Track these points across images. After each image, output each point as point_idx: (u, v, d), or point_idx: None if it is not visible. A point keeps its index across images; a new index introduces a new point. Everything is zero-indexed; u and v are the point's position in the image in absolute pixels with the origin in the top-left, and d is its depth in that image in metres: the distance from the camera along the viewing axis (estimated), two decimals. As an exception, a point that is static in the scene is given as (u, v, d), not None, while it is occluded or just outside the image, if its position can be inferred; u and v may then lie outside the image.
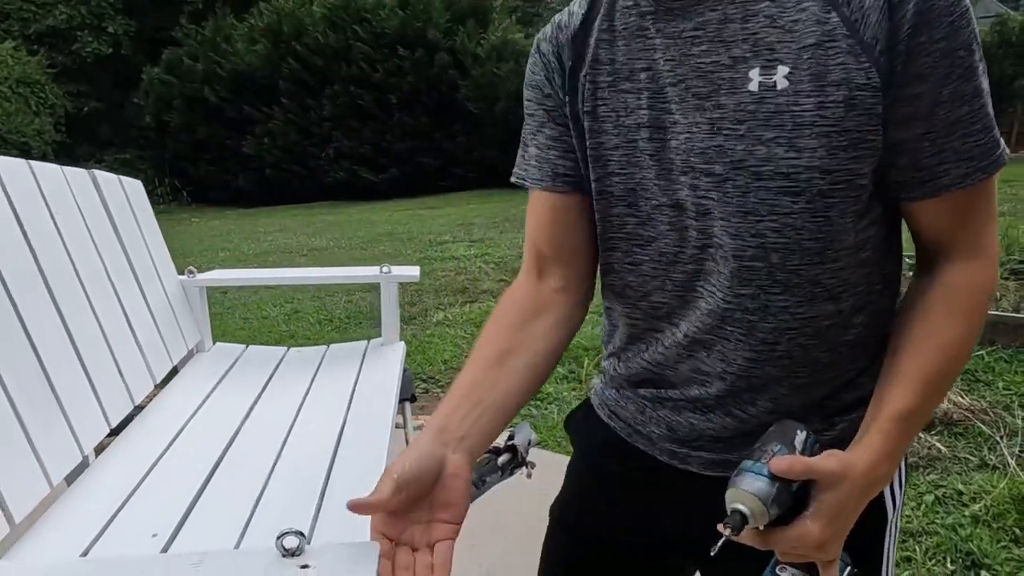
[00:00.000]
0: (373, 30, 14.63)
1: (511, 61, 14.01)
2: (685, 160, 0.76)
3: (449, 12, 14.52)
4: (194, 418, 1.44)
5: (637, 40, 0.79)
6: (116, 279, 1.41)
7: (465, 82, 14.19)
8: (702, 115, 0.74)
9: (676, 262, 0.81)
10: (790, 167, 0.71)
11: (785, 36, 0.71)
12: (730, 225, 0.75)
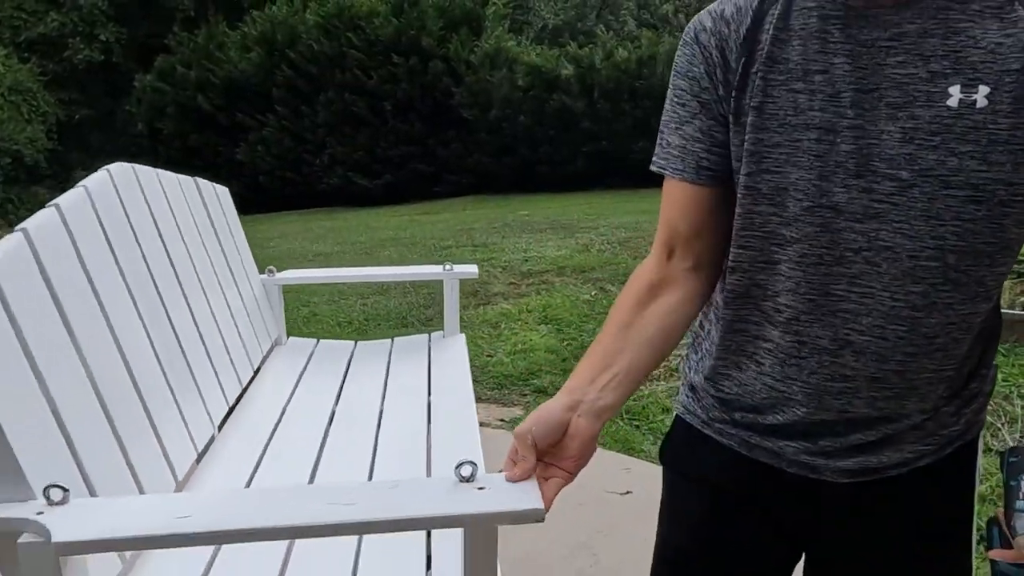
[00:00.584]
0: (367, 38, 14.74)
1: (504, 68, 14.17)
2: (863, 164, 0.81)
3: (443, 20, 14.67)
4: (293, 399, 1.58)
5: (815, 42, 0.82)
6: (221, 276, 1.55)
7: (459, 89, 14.33)
8: (894, 124, 0.79)
9: (820, 264, 0.85)
10: (980, 179, 0.78)
11: (988, 57, 0.76)
12: (910, 228, 0.81)
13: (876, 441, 0.91)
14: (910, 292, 0.83)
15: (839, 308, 0.85)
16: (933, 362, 0.87)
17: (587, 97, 13.47)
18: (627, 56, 13.58)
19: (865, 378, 0.87)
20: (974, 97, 0.76)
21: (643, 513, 2.50)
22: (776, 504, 0.99)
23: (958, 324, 0.85)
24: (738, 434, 0.98)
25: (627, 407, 3.29)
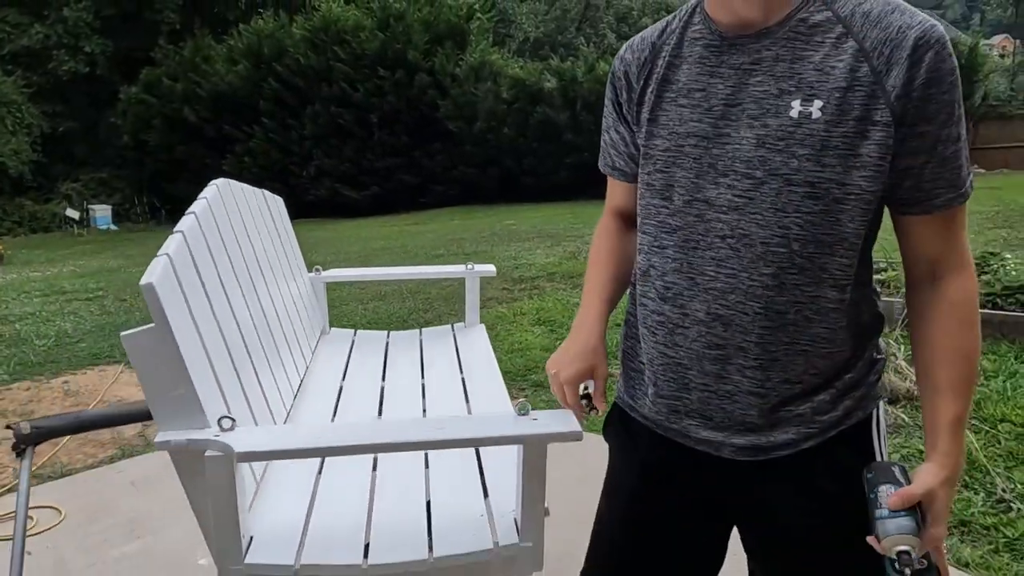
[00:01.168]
0: (353, 51, 14.98)
1: (488, 81, 14.48)
2: (728, 165, 0.97)
3: (428, 34, 14.94)
4: (347, 376, 1.86)
5: (697, 66, 1.00)
6: (284, 271, 1.83)
7: (444, 102, 14.61)
8: (751, 131, 0.95)
9: (696, 248, 1.00)
10: (815, 177, 0.93)
11: (822, 77, 0.92)
12: (763, 219, 0.95)
13: (762, 424, 1.02)
14: (763, 273, 0.97)
15: (711, 286, 1.00)
16: (787, 335, 0.98)
17: (570, 109, 13.83)
18: (608, 69, 13.95)
19: (733, 347, 1.00)
20: (810, 110, 0.92)
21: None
22: (693, 481, 1.09)
23: (806, 304, 0.97)
24: (653, 417, 1.11)
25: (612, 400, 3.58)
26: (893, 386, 3.30)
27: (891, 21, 0.91)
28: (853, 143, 0.92)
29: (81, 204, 17.56)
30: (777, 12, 0.95)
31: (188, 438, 1.04)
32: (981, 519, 2.39)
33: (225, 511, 1.02)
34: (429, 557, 1.10)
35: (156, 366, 1.03)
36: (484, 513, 1.22)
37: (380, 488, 1.29)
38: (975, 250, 4.89)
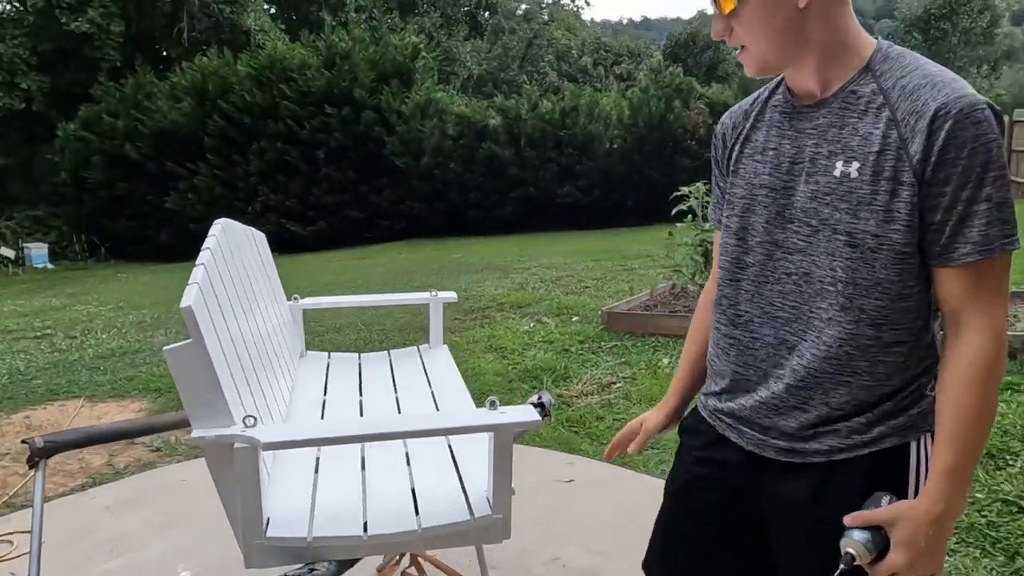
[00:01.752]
0: (300, 89, 15.16)
1: (435, 118, 14.83)
2: (793, 214, 1.14)
3: (374, 73, 15.24)
4: (328, 391, 2.08)
5: (773, 129, 1.18)
6: (270, 298, 2.05)
7: (391, 138, 14.87)
8: (807, 186, 1.12)
9: (766, 283, 1.17)
10: (853, 229, 1.07)
11: (861, 142, 1.07)
12: (819, 261, 1.10)
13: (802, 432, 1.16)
14: (818, 308, 1.12)
15: (778, 316, 1.16)
16: (830, 366, 1.12)
17: (514, 145, 14.26)
18: (551, 107, 14.49)
19: (790, 369, 1.14)
20: (850, 170, 1.07)
21: (584, 495, 3.05)
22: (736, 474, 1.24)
23: (847, 340, 1.10)
24: (720, 420, 1.27)
25: (567, 416, 3.85)
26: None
27: (921, 94, 1.04)
28: (885, 200, 1.05)
29: (16, 242, 17.12)
30: (833, 85, 1.11)
31: (218, 434, 1.26)
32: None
33: (251, 494, 1.24)
34: (418, 528, 1.34)
35: (192, 375, 1.25)
36: (461, 493, 1.46)
37: (370, 479, 1.52)
38: None
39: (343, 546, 1.31)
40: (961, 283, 1.06)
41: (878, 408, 1.13)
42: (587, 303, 6.20)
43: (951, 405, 1.06)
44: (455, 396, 2.03)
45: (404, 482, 1.51)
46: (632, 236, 11.27)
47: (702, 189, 5.18)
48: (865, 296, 1.09)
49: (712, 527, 1.29)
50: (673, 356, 4.52)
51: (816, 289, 1.12)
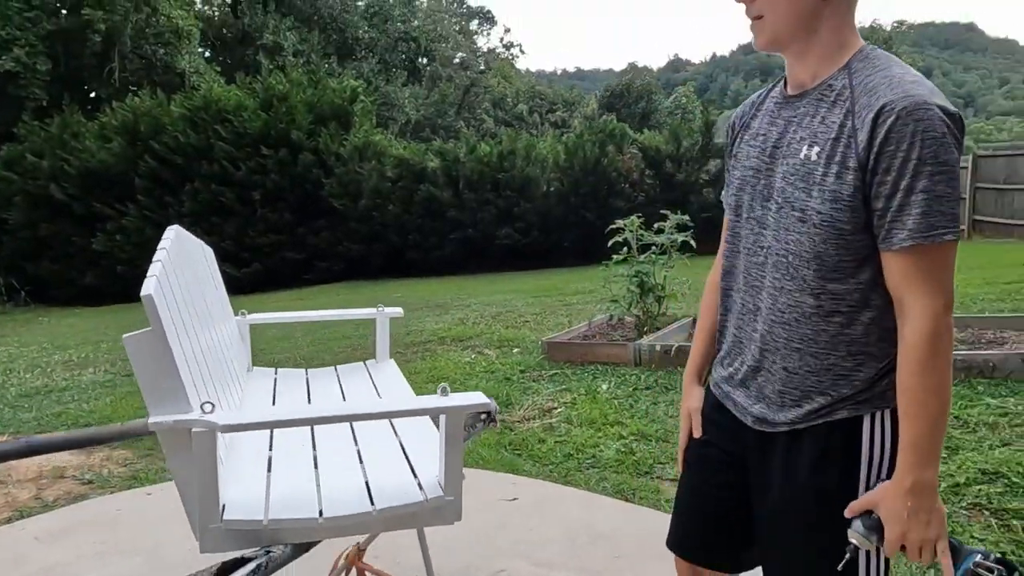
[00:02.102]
0: (235, 130, 15.05)
1: (373, 160, 14.91)
2: (768, 193, 1.28)
3: (312, 115, 15.27)
4: (277, 398, 2.09)
5: (766, 117, 1.32)
6: (221, 311, 2.06)
7: (329, 180, 14.86)
8: (782, 168, 1.25)
9: (752, 254, 1.31)
10: (805, 206, 1.20)
11: (825, 130, 1.19)
12: (778, 235, 1.24)
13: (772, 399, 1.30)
14: (774, 277, 1.26)
15: (753, 284, 1.31)
16: (784, 331, 1.26)
17: (453, 188, 14.44)
18: (489, 151, 14.77)
19: (759, 334, 1.30)
20: (811, 153, 1.19)
21: (527, 512, 3.09)
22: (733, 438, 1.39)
23: (793, 307, 1.24)
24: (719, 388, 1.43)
25: (510, 440, 3.91)
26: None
27: (877, 90, 1.15)
28: (832, 182, 1.17)
29: (-72, 286, 16.26)
30: (818, 79, 1.23)
31: (176, 419, 1.29)
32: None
33: (208, 477, 1.27)
34: (373, 510, 1.38)
35: (151, 363, 1.28)
36: (413, 478, 1.51)
37: (323, 469, 1.55)
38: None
39: (299, 528, 1.34)
40: (901, 268, 1.15)
41: (832, 380, 1.23)
42: (527, 335, 6.30)
43: (902, 385, 1.16)
44: (406, 399, 2.08)
45: (356, 471, 1.55)
46: (570, 275, 11.50)
47: (636, 222, 5.39)
48: (807, 268, 1.21)
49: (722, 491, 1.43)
50: (612, 383, 4.65)
51: (774, 261, 1.26)
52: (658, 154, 14.75)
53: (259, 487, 1.45)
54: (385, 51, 29.31)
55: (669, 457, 3.52)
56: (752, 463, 1.35)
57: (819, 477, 1.24)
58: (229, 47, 25.49)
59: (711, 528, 1.47)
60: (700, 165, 14.99)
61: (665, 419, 3.97)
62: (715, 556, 1.50)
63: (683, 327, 5.51)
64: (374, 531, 1.34)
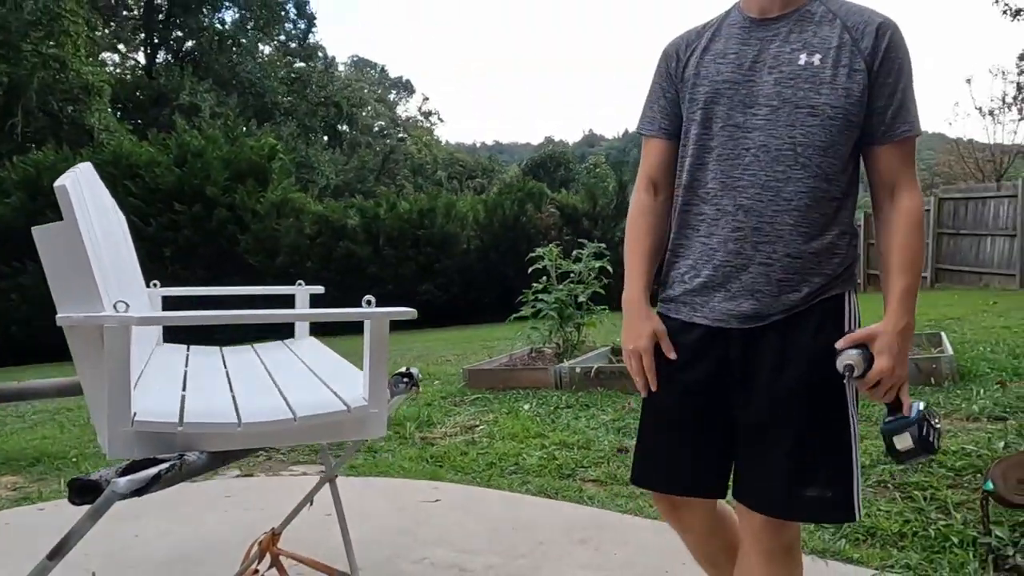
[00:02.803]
0: (147, 185, 14.68)
1: (291, 217, 14.76)
2: (754, 100, 1.42)
3: (228, 171, 15.06)
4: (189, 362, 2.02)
5: (733, 39, 1.48)
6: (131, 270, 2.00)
7: (244, 236, 14.59)
8: (770, 76, 1.42)
9: (727, 160, 1.43)
10: (815, 102, 1.38)
11: (821, 41, 1.40)
12: (777, 133, 1.39)
13: (767, 291, 1.41)
14: (775, 170, 1.40)
15: (737, 185, 1.42)
16: (791, 218, 1.40)
17: (373, 244, 14.40)
18: (409, 208, 14.87)
19: (750, 228, 1.41)
20: (813, 59, 1.40)
21: (449, 510, 3.03)
22: (707, 352, 1.46)
23: (805, 193, 1.40)
24: (686, 304, 1.50)
25: (432, 453, 3.84)
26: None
27: (864, 13, 1.42)
28: (843, 81, 1.39)
29: None
30: (791, 6, 1.45)
31: (87, 315, 1.24)
32: (733, 503, 2.92)
33: (119, 376, 1.22)
34: (294, 417, 1.34)
35: (63, 256, 1.24)
36: (334, 395, 1.48)
37: (240, 391, 1.50)
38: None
39: (216, 434, 1.29)
40: (899, 155, 1.41)
41: (828, 259, 1.42)
42: (448, 370, 6.27)
43: (900, 243, 1.39)
44: (328, 355, 2.05)
45: (275, 394, 1.51)
46: (491, 329, 11.54)
47: (555, 252, 5.52)
48: (822, 155, 1.39)
49: (704, 415, 1.50)
50: (534, 403, 4.66)
51: (772, 156, 1.41)
52: (575, 212, 15.20)
53: (173, 400, 1.39)
54: (305, 116, 29.40)
55: (592, 461, 3.54)
56: (735, 363, 1.45)
57: (819, 348, 1.40)
58: (143, 107, 25.04)
59: (700, 456, 1.51)
60: (616, 223, 15.53)
61: (587, 430, 4.00)
62: (704, 483, 1.53)
63: (602, 355, 5.60)
64: (295, 441, 1.31)
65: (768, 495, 1.43)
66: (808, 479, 1.40)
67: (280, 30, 31.15)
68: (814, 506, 1.41)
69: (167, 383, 1.53)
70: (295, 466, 3.85)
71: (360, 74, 41.30)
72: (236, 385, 1.61)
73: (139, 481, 1.16)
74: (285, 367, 1.95)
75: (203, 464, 1.29)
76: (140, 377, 1.52)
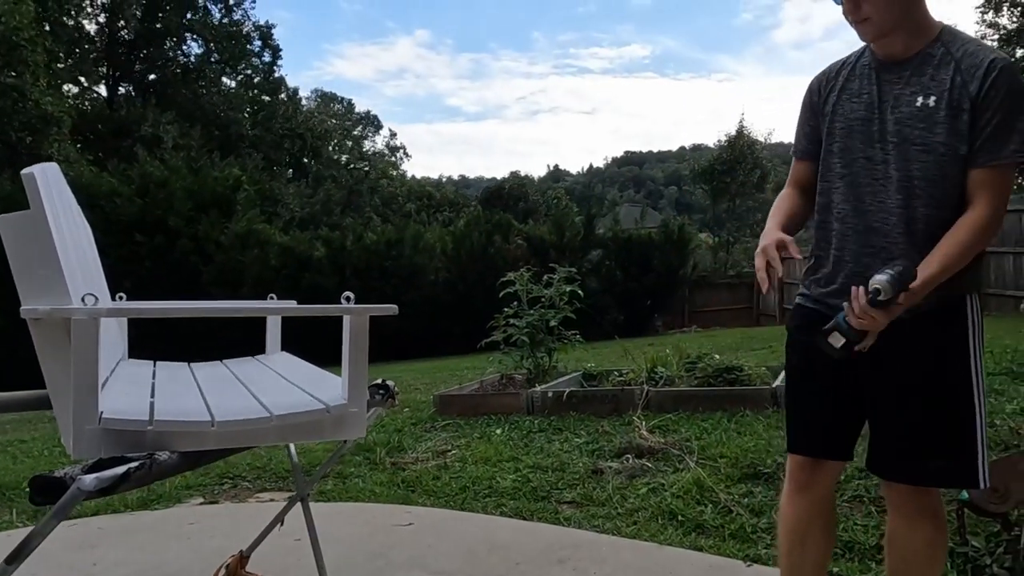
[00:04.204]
0: (107, 216, 14.39)
1: (256, 249, 14.57)
2: (880, 136, 1.66)
3: (192, 202, 14.84)
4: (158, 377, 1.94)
5: (864, 80, 1.70)
6: (100, 282, 1.93)
7: (208, 268, 14.35)
8: (893, 116, 1.64)
9: (858, 186, 1.68)
10: (930, 142, 1.59)
11: (937, 84, 1.60)
12: (899, 166, 1.62)
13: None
14: (897, 198, 1.63)
15: (866, 208, 1.67)
16: (909, 239, 1.62)
17: (339, 275, 14.26)
18: (376, 239, 14.80)
19: (879, 247, 1.65)
20: (928, 102, 1.60)
21: (423, 533, 2.95)
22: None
23: (922, 219, 1.62)
24: (819, 301, 1.76)
25: (403, 478, 3.76)
26: (637, 443, 3.87)
27: (978, 54, 1.58)
28: (951, 119, 1.57)
29: None
30: (913, 49, 1.64)
31: (53, 307, 1.18)
32: (711, 521, 2.90)
33: (87, 370, 1.16)
34: (271, 416, 1.29)
35: (29, 246, 1.18)
36: (310, 397, 1.43)
37: (211, 396, 1.44)
38: (706, 355, 5.88)
39: (189, 432, 1.22)
40: (992, 178, 1.57)
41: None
42: (418, 397, 6.18)
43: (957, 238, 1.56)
44: (305, 368, 1.99)
45: (248, 397, 1.45)
46: (460, 360, 11.45)
47: (526, 276, 5.52)
48: (935, 186, 1.60)
49: (836, 391, 1.76)
50: (506, 428, 4.60)
51: (896, 186, 1.63)
52: (543, 243, 15.28)
53: (142, 402, 1.33)
54: (270, 148, 29.24)
55: (567, 483, 3.49)
56: (876, 351, 1.61)
57: (947, 340, 1.65)
58: (103, 139, 24.69)
59: (828, 428, 1.78)
60: (583, 254, 15.65)
61: (560, 453, 3.96)
62: (832, 448, 1.79)
63: (574, 379, 5.58)
64: (272, 441, 1.25)
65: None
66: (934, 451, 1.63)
67: (246, 63, 31.10)
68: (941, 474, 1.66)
69: (135, 388, 1.46)
70: (262, 493, 3.73)
71: (326, 107, 41.35)
72: (208, 391, 1.54)
73: (107, 479, 1.10)
74: (259, 377, 1.89)
75: (174, 465, 1.23)
76: (105, 385, 1.45)
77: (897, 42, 1.65)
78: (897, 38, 1.64)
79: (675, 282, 17.19)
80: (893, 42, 1.65)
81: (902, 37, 1.63)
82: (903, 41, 1.64)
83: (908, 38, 1.64)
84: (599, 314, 14.01)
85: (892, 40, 1.65)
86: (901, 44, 1.64)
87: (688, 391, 4.77)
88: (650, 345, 7.44)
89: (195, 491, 3.77)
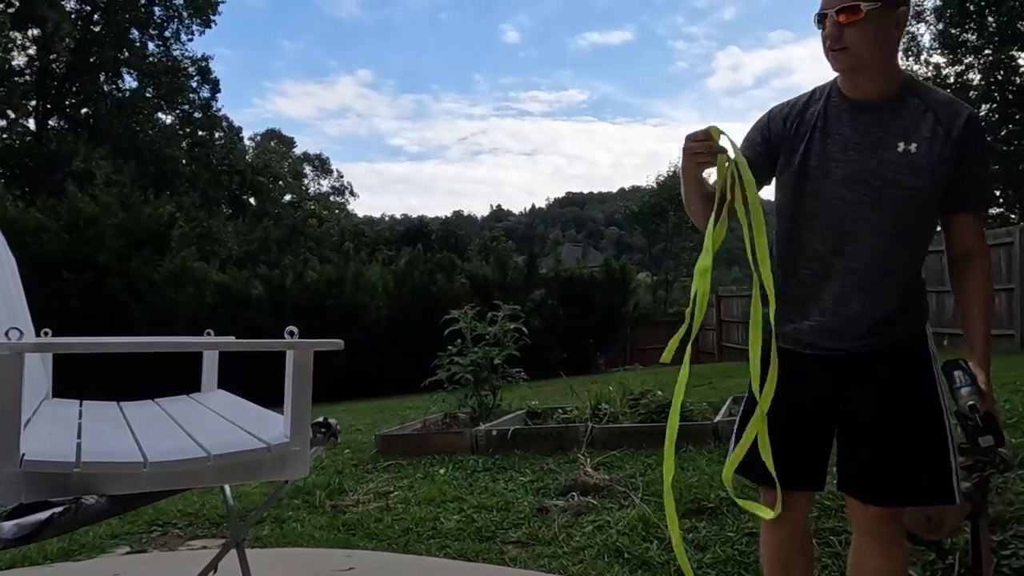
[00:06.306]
0: (33, 253, 13.81)
1: (190, 287, 14.17)
2: (857, 178, 1.67)
3: (124, 239, 14.38)
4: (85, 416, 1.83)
5: (836, 122, 1.70)
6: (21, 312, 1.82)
7: (139, 306, 13.87)
8: (872, 158, 1.66)
9: (834, 228, 1.69)
10: (910, 184, 1.63)
11: (915, 131, 1.64)
12: (879, 209, 1.64)
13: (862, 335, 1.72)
14: (876, 241, 1.66)
15: (844, 250, 1.68)
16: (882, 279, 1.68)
17: (278, 314, 13.93)
18: (317, 277, 14.57)
19: (854, 288, 1.69)
20: (910, 147, 1.64)
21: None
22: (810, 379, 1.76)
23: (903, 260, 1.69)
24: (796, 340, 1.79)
25: (344, 521, 3.64)
26: (583, 480, 3.85)
27: (952, 104, 1.67)
28: (933, 166, 1.63)
29: None
30: (889, 95, 1.68)
31: (-26, 342, 1.11)
32: (657, 557, 2.90)
33: (8, 411, 1.09)
34: (209, 455, 1.23)
35: (-53, 278, 1.12)
36: (250, 435, 1.37)
37: (143, 436, 1.37)
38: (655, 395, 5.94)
39: (119, 475, 1.15)
40: (974, 225, 1.73)
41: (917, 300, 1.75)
42: (359, 438, 6.04)
43: (979, 296, 1.72)
44: (244, 406, 1.92)
45: (183, 437, 1.39)
46: (402, 399, 11.27)
47: (470, 314, 5.50)
48: (916, 229, 1.69)
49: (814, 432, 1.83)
50: (450, 467, 4.53)
51: (875, 229, 1.66)
52: (485, 283, 15.29)
53: (68, 443, 1.25)
54: (208, 185, 28.67)
55: (512, 523, 3.45)
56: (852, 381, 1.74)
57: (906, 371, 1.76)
58: (31, 174, 23.82)
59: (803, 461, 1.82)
60: (526, 293, 15.71)
61: (505, 492, 3.91)
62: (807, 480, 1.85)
63: (518, 417, 5.55)
64: (209, 483, 1.19)
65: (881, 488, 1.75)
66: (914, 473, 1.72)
67: (183, 98, 30.55)
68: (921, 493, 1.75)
69: (60, 428, 1.38)
70: (193, 540, 3.56)
71: (268, 145, 40.91)
72: (140, 431, 1.47)
73: (27, 526, 1.03)
74: (195, 416, 1.82)
75: (102, 509, 1.15)
76: (28, 425, 1.37)
77: (870, 85, 1.68)
78: (870, 80, 1.67)
79: (617, 320, 17.41)
80: (866, 84, 1.68)
81: (877, 81, 1.67)
82: (877, 86, 1.68)
83: (884, 83, 1.68)
84: (543, 352, 14.06)
85: (864, 81, 1.68)
86: (875, 88, 1.68)
87: (632, 427, 4.79)
88: (594, 383, 7.48)
89: (121, 540, 3.58)
